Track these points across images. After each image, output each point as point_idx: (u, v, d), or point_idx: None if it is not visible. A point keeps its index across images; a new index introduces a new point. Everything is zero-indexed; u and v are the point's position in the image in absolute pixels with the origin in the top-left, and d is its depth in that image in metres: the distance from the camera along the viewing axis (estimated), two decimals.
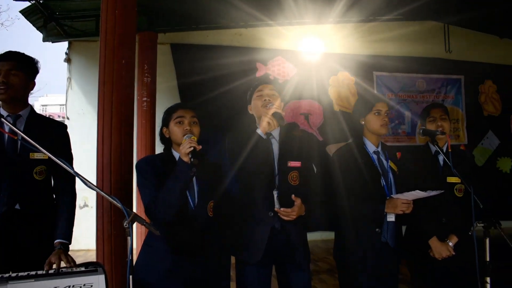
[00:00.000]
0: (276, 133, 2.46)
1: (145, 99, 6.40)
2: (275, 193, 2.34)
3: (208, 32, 7.49)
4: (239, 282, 2.40)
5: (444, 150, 2.63)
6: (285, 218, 2.28)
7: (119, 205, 1.79)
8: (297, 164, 2.44)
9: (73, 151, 2.43)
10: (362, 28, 8.21)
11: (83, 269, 1.93)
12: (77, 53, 7.30)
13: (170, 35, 7.26)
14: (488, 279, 1.88)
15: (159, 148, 2.38)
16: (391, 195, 2.44)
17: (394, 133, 8.28)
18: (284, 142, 2.45)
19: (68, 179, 2.30)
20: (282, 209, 2.28)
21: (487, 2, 7.32)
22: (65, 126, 2.41)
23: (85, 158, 5.05)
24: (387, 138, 8.16)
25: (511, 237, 6.07)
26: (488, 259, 1.88)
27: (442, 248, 2.54)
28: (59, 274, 1.87)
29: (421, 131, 2.61)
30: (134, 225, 1.91)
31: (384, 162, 2.55)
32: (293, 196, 2.30)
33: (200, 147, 2.02)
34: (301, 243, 2.41)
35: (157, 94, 6.65)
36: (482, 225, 1.91)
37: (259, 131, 2.29)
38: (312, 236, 7.33)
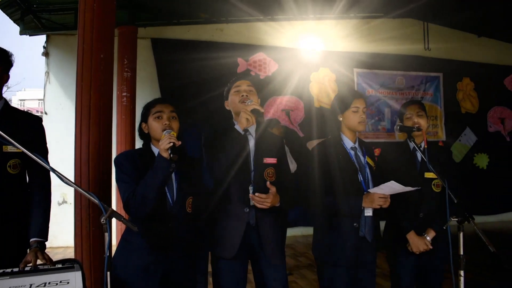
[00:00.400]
0: (252, 129, 2.47)
1: (125, 94, 6.35)
2: (250, 189, 2.36)
3: (189, 27, 7.46)
4: (215, 277, 2.40)
5: (422, 146, 2.67)
6: (259, 205, 2.28)
7: (96, 201, 1.78)
8: (273, 161, 2.45)
9: (51, 146, 2.39)
10: (343, 26, 8.29)
11: (59, 266, 1.92)
12: (55, 46, 7.18)
13: (150, 29, 7.20)
14: (461, 272, 1.92)
15: (139, 144, 2.36)
16: (368, 190, 2.47)
17: (374, 130, 8.38)
18: (260, 138, 2.46)
19: (43, 174, 2.25)
20: (256, 194, 2.28)
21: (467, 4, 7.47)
22: (40, 120, 2.36)
23: (63, 153, 4.97)
24: (367, 134, 8.25)
25: (490, 231, 6.18)
26: (461, 252, 1.92)
27: (420, 242, 2.58)
28: (35, 271, 1.85)
29: (398, 127, 2.65)
30: (114, 221, 1.90)
31: (361, 157, 2.58)
32: (268, 183, 2.31)
33: (180, 142, 2.01)
34: (276, 239, 2.42)
35: (138, 89, 6.60)
36: (456, 219, 1.95)
37: (237, 127, 2.29)
38: (292, 232, 7.39)
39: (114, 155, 2.86)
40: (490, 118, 9.38)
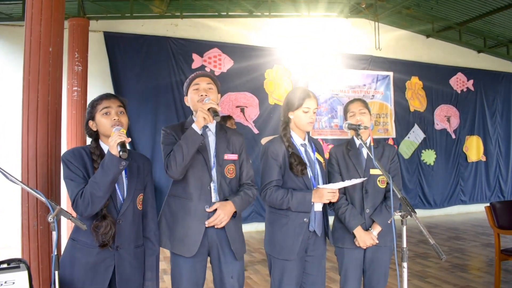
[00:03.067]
0: (212, 125, 2.47)
1: (75, 88, 6.19)
2: (212, 186, 2.37)
3: (143, 21, 7.33)
4: (174, 275, 2.40)
5: (367, 143, 2.76)
6: (220, 226, 2.33)
7: (43, 199, 1.74)
8: (233, 157, 2.47)
9: None
10: (298, 24, 8.42)
11: (4, 266, 1.86)
12: (2, 37, 6.86)
13: (103, 22, 7.03)
14: (404, 264, 2.01)
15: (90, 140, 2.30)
16: (318, 186, 2.53)
17: (327, 127, 8.56)
18: (220, 135, 2.47)
19: None
20: (207, 222, 2.32)
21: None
22: None
23: (10, 149, 4.78)
24: (321, 131, 8.44)
25: (435, 224, 6.49)
26: (404, 245, 2.01)
27: (366, 237, 2.67)
28: None
29: (346, 125, 2.71)
30: (64, 220, 1.86)
31: (311, 154, 2.63)
32: (206, 208, 2.35)
33: (129, 139, 1.98)
34: (236, 235, 2.44)
35: (89, 83, 6.45)
36: (400, 214, 2.04)
37: (194, 126, 2.27)
38: (246, 228, 7.45)
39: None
40: (437, 116, 9.81)
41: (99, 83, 6.88)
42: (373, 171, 2.72)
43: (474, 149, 10.18)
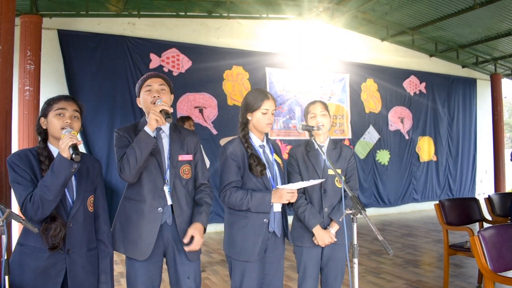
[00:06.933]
0: (166, 127, 2.46)
1: (27, 87, 5.98)
2: (166, 189, 2.36)
3: (99, 20, 7.16)
4: (129, 278, 2.37)
5: (322, 146, 2.83)
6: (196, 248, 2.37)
7: None
8: (188, 157, 2.47)
9: None
10: (257, 25, 8.49)
11: None
12: None
13: (57, 20, 6.82)
14: (355, 260, 2.08)
15: None
16: (277, 186, 2.57)
17: (285, 128, 8.67)
18: (174, 136, 2.47)
19: None
20: (187, 248, 2.35)
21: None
22: None
23: None
24: (279, 132, 8.53)
25: (389, 222, 6.68)
26: (355, 242, 2.07)
27: (325, 236, 2.72)
28: None
29: (301, 126, 2.76)
30: (17, 224, 1.81)
31: (269, 155, 2.67)
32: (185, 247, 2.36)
33: (81, 142, 1.95)
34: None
35: (42, 83, 6.24)
36: (351, 212, 2.10)
37: (147, 128, 2.26)
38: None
39: None
40: (391, 118, 10.14)
41: (53, 82, 6.68)
42: (331, 172, 2.79)
43: (425, 149, 10.60)
